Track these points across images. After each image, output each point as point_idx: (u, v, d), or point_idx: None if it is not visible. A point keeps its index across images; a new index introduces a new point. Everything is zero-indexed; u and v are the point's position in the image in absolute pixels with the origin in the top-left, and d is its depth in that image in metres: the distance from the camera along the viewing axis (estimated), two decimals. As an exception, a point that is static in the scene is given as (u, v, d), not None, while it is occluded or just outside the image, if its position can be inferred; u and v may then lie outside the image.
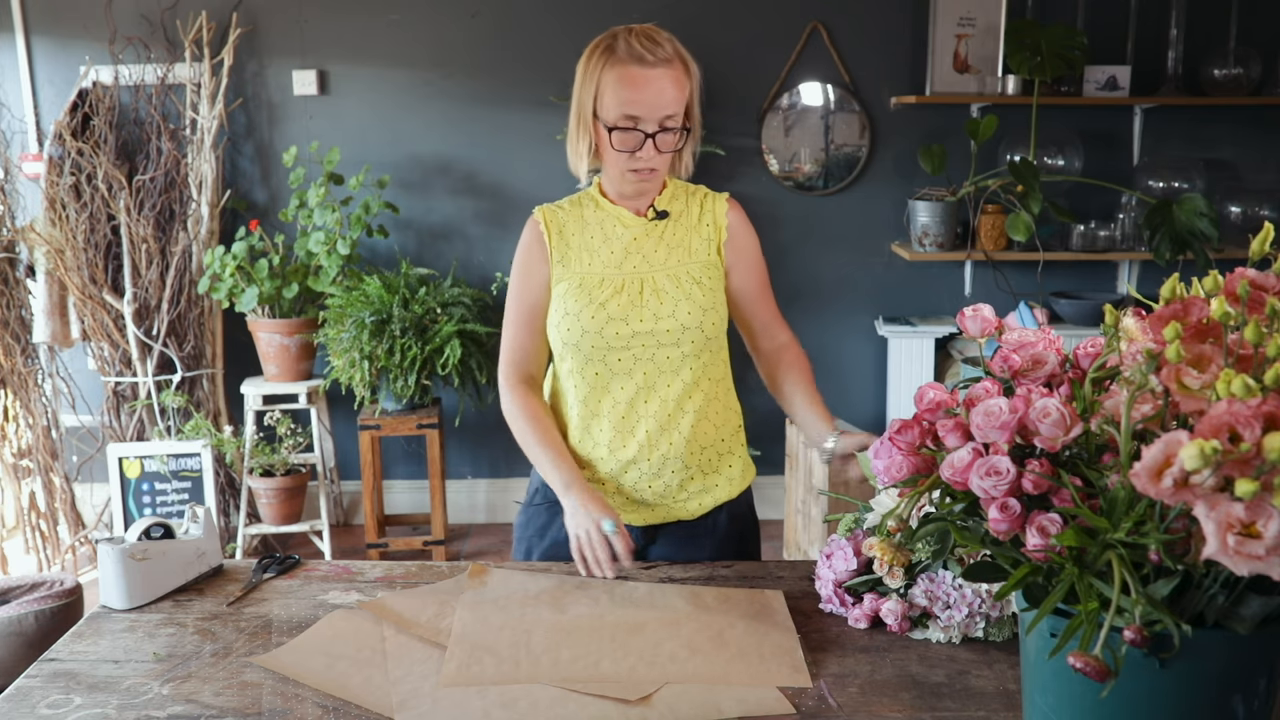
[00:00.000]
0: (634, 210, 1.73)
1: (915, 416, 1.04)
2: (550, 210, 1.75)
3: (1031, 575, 0.93)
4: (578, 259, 1.71)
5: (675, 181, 1.78)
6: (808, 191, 4.01)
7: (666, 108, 1.60)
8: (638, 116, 1.60)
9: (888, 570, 1.41)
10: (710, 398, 1.73)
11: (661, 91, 1.59)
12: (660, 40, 1.61)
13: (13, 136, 3.85)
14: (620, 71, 1.59)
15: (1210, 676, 0.88)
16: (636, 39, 1.60)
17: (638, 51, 1.58)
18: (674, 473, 1.72)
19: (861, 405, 4.17)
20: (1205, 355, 0.86)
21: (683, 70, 1.63)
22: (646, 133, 1.61)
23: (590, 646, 1.35)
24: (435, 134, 3.95)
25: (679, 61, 1.62)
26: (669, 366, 1.68)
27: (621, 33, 1.62)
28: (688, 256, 1.71)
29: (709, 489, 1.76)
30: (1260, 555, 0.75)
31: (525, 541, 1.81)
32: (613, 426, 1.70)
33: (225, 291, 3.61)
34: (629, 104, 1.59)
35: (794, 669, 1.30)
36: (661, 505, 1.74)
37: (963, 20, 3.78)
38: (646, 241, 1.71)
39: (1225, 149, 4.00)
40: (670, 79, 1.60)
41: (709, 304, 1.68)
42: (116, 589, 1.50)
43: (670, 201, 1.75)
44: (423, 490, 4.18)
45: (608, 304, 1.66)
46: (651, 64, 1.58)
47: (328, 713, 1.22)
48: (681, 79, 1.62)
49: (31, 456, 3.79)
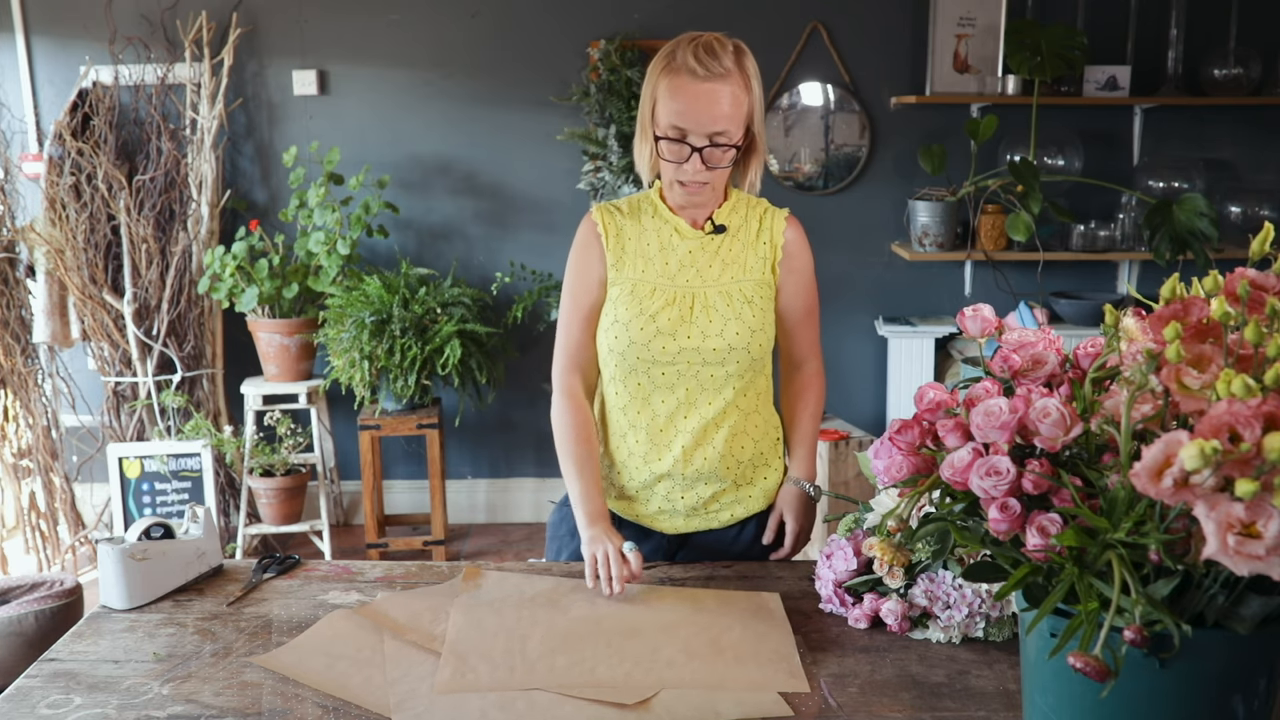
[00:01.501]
0: (691, 221, 1.69)
1: (915, 416, 1.04)
2: (608, 211, 1.71)
3: (1031, 575, 0.93)
4: (632, 264, 1.67)
5: (738, 193, 1.72)
6: (808, 191, 4.01)
7: (717, 123, 1.54)
8: (685, 129, 1.56)
9: (888, 570, 1.41)
10: (749, 413, 1.70)
11: (712, 106, 1.53)
12: (721, 54, 1.54)
13: (13, 136, 3.85)
14: (673, 81, 1.55)
15: (1210, 676, 0.88)
16: (697, 49, 1.54)
17: (692, 63, 1.53)
18: (707, 485, 1.70)
19: (861, 405, 4.17)
20: (1205, 355, 0.86)
21: (742, 87, 1.56)
22: (694, 146, 1.56)
23: (586, 652, 1.34)
24: (435, 134, 3.95)
25: (739, 76, 1.56)
26: (712, 385, 1.65)
27: (685, 40, 1.57)
28: (742, 273, 1.67)
29: (741, 500, 1.74)
30: (1260, 555, 0.75)
31: (557, 541, 1.79)
32: (649, 439, 1.68)
33: (225, 291, 3.61)
34: (677, 115, 1.55)
35: (791, 674, 1.30)
36: (694, 515, 1.73)
37: (963, 20, 3.78)
38: (702, 255, 1.67)
39: (1225, 149, 4.00)
40: (725, 94, 1.54)
41: (758, 324, 1.65)
42: (116, 589, 1.50)
43: (730, 215, 1.70)
44: (423, 490, 4.18)
45: (658, 316, 1.63)
46: (704, 77, 1.53)
47: (327, 713, 1.22)
48: (739, 95, 1.56)
49: (31, 456, 3.79)
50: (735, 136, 1.58)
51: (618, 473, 1.73)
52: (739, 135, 1.59)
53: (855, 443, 3.39)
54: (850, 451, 3.38)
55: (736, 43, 1.59)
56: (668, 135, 1.57)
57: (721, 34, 1.59)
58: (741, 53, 1.58)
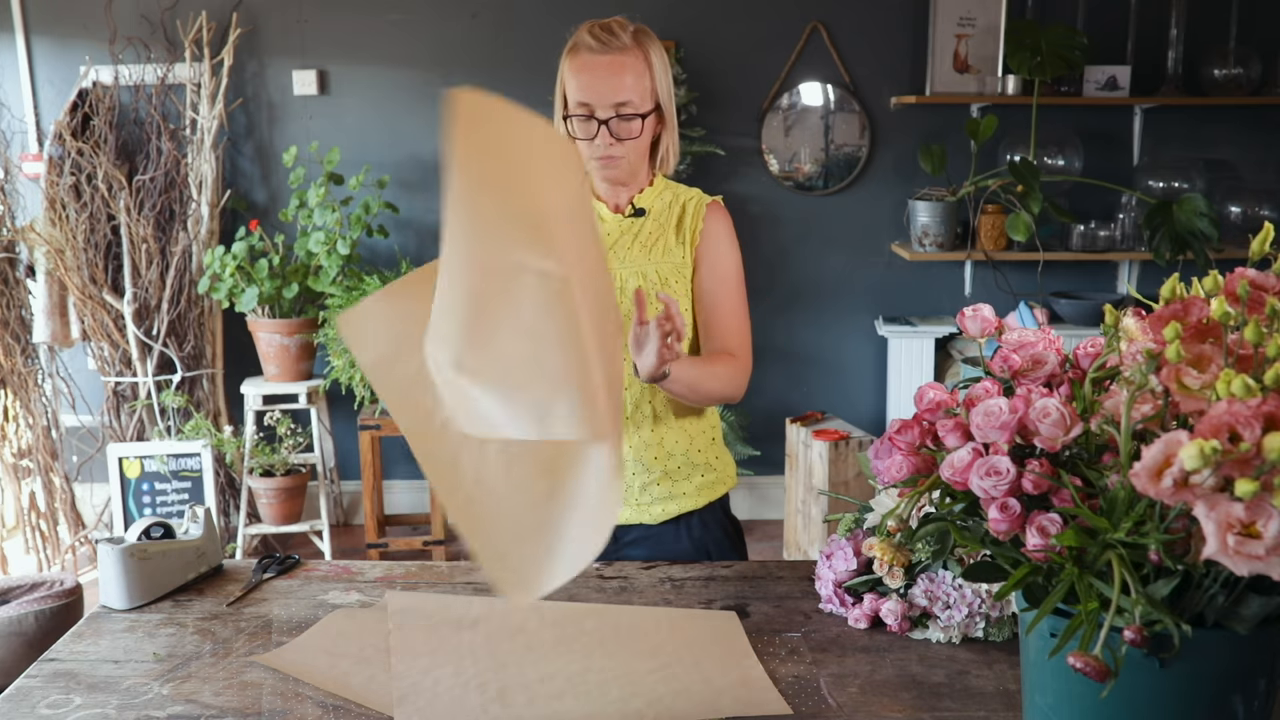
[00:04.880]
0: (612, 206, 1.73)
1: (915, 416, 1.04)
2: None
3: (1031, 575, 0.93)
4: None
5: (666, 181, 1.76)
6: (808, 191, 4.01)
7: (619, 94, 1.60)
8: (590, 104, 1.61)
9: (888, 570, 1.41)
10: (680, 404, 1.71)
11: (612, 77, 1.60)
12: (620, 32, 1.61)
13: (13, 136, 3.85)
14: (574, 60, 1.62)
15: (1210, 676, 0.88)
16: (595, 28, 1.62)
17: (591, 41, 1.60)
18: (633, 474, 1.71)
19: (861, 405, 4.17)
20: (1205, 355, 0.86)
21: (640, 59, 1.62)
22: (600, 119, 1.62)
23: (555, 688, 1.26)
24: (435, 134, 3.95)
25: (637, 50, 1.62)
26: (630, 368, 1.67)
27: (586, 24, 1.64)
28: (661, 257, 1.70)
29: (674, 496, 1.74)
30: (1260, 555, 0.75)
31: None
32: None
33: (225, 291, 3.61)
34: (580, 90, 1.61)
35: (767, 693, 1.24)
36: (625, 506, 1.74)
37: (963, 20, 3.78)
38: (621, 239, 1.71)
39: (1225, 149, 4.00)
40: (624, 65, 1.60)
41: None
42: (116, 589, 1.50)
43: (654, 200, 1.73)
44: (423, 490, 4.18)
45: None
46: (602, 50, 1.60)
47: (328, 712, 1.22)
48: (639, 66, 1.62)
49: (31, 456, 3.79)
50: (641, 107, 1.63)
51: None
52: (645, 106, 1.64)
53: (855, 443, 3.39)
54: (850, 451, 3.38)
55: (639, 25, 1.65)
56: (576, 113, 1.63)
57: (623, 17, 1.65)
58: (643, 31, 1.64)
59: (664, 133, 1.71)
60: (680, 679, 1.28)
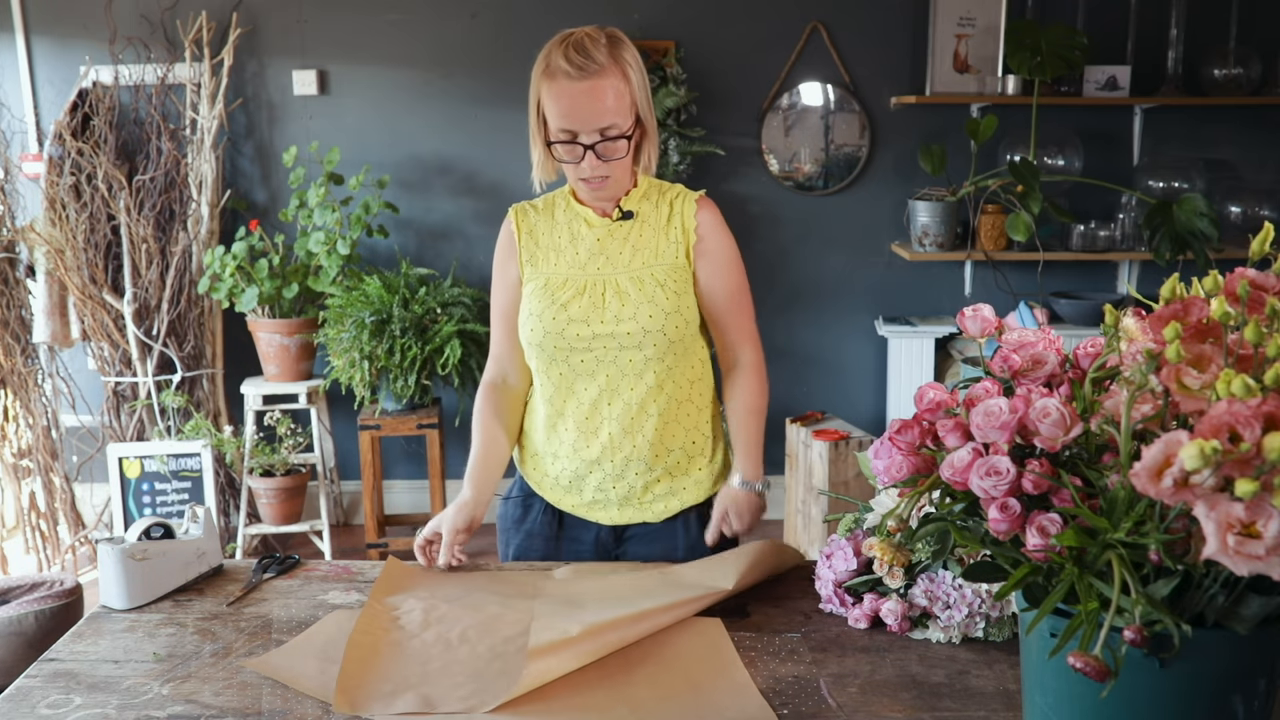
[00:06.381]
0: (600, 211, 1.72)
1: (915, 416, 1.04)
2: (522, 210, 1.76)
3: (1031, 575, 0.93)
4: (545, 259, 1.71)
5: (649, 180, 1.75)
6: (808, 191, 4.01)
7: (603, 119, 1.58)
8: (574, 130, 1.59)
9: (888, 570, 1.41)
10: (678, 401, 1.72)
11: (594, 103, 1.56)
12: (594, 50, 1.56)
13: (13, 136, 3.85)
14: (552, 86, 1.58)
15: (1210, 676, 0.88)
16: (568, 49, 1.56)
17: (566, 65, 1.55)
18: (638, 475, 1.72)
19: (861, 405, 4.17)
20: (1205, 355, 0.86)
21: (620, 77, 1.58)
22: (585, 144, 1.59)
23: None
24: (435, 134, 3.95)
25: (615, 68, 1.58)
26: (632, 370, 1.67)
27: (557, 42, 1.59)
28: (654, 258, 1.69)
29: (675, 492, 1.75)
30: (1260, 555, 0.75)
31: (505, 533, 1.85)
32: (577, 427, 1.71)
33: (225, 291, 3.61)
34: (563, 118, 1.58)
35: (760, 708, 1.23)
36: (628, 506, 1.75)
37: (963, 20, 3.78)
38: (611, 243, 1.70)
39: (1225, 149, 4.00)
40: (606, 89, 1.57)
41: (673, 308, 1.66)
42: (116, 589, 1.50)
43: (640, 201, 1.72)
44: (423, 490, 4.18)
45: (569, 305, 1.66)
46: (580, 76, 1.55)
47: (327, 712, 1.22)
48: (619, 87, 1.58)
49: (31, 456, 3.79)
50: (625, 126, 1.61)
51: (553, 463, 1.76)
52: (628, 124, 1.62)
53: (855, 443, 3.39)
54: (850, 451, 3.38)
55: (610, 32, 1.61)
56: (559, 139, 1.61)
57: (594, 27, 1.62)
58: (616, 42, 1.61)
59: (644, 140, 1.70)
60: (665, 685, 1.28)
